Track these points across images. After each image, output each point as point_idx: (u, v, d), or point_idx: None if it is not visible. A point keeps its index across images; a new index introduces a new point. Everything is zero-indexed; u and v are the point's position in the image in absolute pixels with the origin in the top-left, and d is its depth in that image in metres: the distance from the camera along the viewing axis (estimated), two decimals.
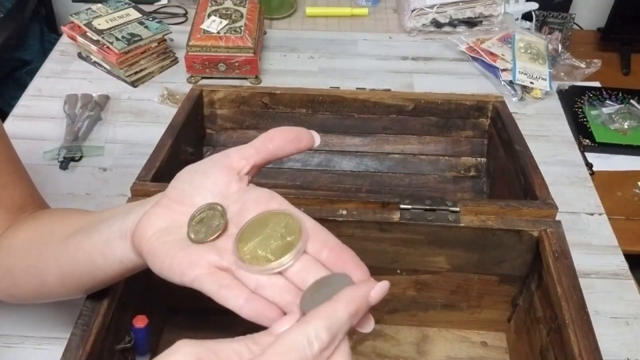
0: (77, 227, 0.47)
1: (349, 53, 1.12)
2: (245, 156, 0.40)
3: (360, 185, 0.76)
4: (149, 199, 0.42)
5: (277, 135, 0.40)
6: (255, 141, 0.40)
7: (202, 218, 0.38)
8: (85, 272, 0.45)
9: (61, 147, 0.87)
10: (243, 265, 0.35)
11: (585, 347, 0.44)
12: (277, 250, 0.35)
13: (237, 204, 0.38)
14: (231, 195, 0.39)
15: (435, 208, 0.54)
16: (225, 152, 0.41)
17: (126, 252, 0.41)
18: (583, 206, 0.81)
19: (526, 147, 0.64)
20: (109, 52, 0.99)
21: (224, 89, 0.75)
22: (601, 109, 1.46)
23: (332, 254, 0.35)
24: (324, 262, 0.35)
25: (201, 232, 0.37)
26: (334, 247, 0.35)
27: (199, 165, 0.41)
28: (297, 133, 0.40)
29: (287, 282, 0.34)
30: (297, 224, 0.36)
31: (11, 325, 0.64)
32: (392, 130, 0.77)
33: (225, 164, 0.40)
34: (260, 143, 0.40)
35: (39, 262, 0.48)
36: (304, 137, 0.40)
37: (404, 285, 0.60)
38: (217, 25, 1.01)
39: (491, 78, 1.06)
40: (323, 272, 0.34)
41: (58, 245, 0.47)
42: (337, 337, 0.29)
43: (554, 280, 0.49)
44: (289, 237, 0.35)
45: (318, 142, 0.41)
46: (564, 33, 1.74)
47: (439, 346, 0.63)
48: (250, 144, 0.40)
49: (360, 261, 0.34)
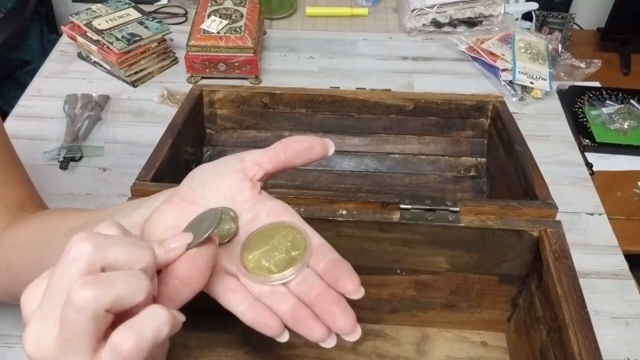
0: (80, 222, 0.47)
1: (349, 53, 1.12)
2: (259, 163, 0.40)
3: (360, 185, 0.76)
4: (157, 195, 0.42)
5: (291, 144, 0.40)
6: (269, 149, 0.40)
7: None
8: None
9: (61, 147, 0.87)
10: (246, 273, 0.36)
11: (585, 347, 0.43)
12: (281, 263, 0.36)
13: (250, 212, 0.39)
14: (244, 202, 0.39)
15: (435, 208, 0.54)
16: (240, 155, 0.40)
17: None
18: (583, 206, 0.81)
19: (526, 147, 0.64)
20: (109, 52, 0.99)
21: (224, 89, 0.75)
22: (601, 109, 1.46)
23: (329, 266, 0.35)
24: (321, 273, 0.35)
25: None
26: (331, 260, 0.36)
27: (213, 167, 0.40)
28: (310, 143, 0.40)
29: (287, 291, 0.35)
30: (303, 240, 0.36)
31: (11, 325, 0.64)
32: (392, 130, 0.77)
33: (239, 168, 0.40)
34: (273, 152, 0.40)
35: (41, 259, 0.48)
36: (317, 146, 0.40)
37: (404, 285, 0.60)
38: (217, 25, 1.01)
39: (491, 78, 1.06)
40: (322, 286, 0.35)
41: (61, 240, 0.46)
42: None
43: (554, 280, 0.49)
44: (294, 252, 0.36)
45: (332, 151, 0.41)
46: (564, 33, 1.74)
47: (439, 346, 0.63)
48: (264, 151, 0.40)
49: (354, 273, 0.35)
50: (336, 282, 0.35)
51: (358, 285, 0.34)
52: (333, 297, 0.34)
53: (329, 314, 0.33)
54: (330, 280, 0.35)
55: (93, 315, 0.27)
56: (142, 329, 0.27)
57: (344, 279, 0.34)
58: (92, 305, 0.27)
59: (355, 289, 0.34)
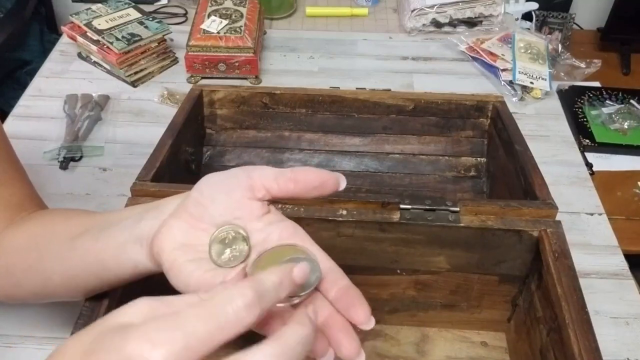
0: (82, 228, 0.46)
1: (349, 53, 1.12)
2: (267, 187, 0.39)
3: (360, 185, 0.76)
4: (162, 204, 0.42)
5: (302, 177, 0.39)
6: (280, 174, 0.39)
7: (223, 238, 0.38)
8: (94, 274, 0.45)
9: (61, 147, 0.87)
10: None
11: (585, 347, 0.43)
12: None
13: (261, 233, 0.39)
14: (254, 221, 0.39)
15: (435, 208, 0.54)
16: (248, 171, 0.40)
17: (142, 258, 0.40)
18: (583, 206, 0.81)
19: (526, 147, 0.64)
20: (109, 52, 0.99)
21: (224, 89, 0.75)
22: (601, 109, 1.46)
23: (340, 293, 0.36)
24: (332, 300, 0.36)
25: (223, 254, 0.37)
26: (342, 287, 0.36)
27: (221, 180, 0.40)
28: (322, 179, 0.39)
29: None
30: (312, 264, 0.36)
31: (11, 325, 0.64)
32: (392, 130, 0.77)
33: (247, 185, 0.39)
34: (283, 181, 0.39)
35: (42, 262, 0.48)
36: (329, 183, 0.39)
37: (404, 285, 0.60)
38: (217, 25, 1.01)
39: (491, 78, 1.06)
40: (329, 310, 0.35)
41: (63, 246, 0.46)
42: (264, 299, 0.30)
43: (554, 280, 0.49)
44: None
45: (344, 186, 0.40)
46: (564, 33, 1.74)
47: (439, 346, 0.63)
48: (274, 175, 0.39)
49: (365, 302, 0.35)
50: (347, 311, 0.35)
51: (369, 315, 0.35)
52: (339, 323, 0.35)
53: (334, 339, 0.34)
54: (341, 308, 0.35)
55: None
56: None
57: (355, 309, 0.35)
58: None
59: (366, 319, 0.35)
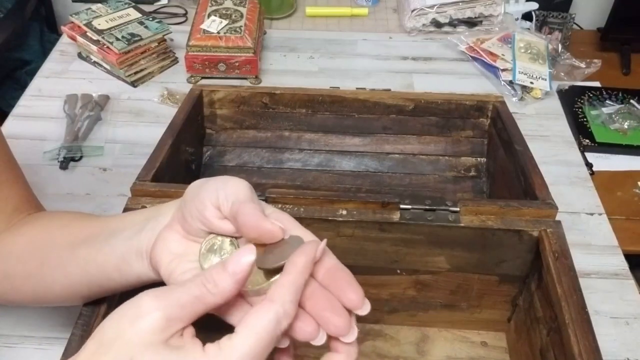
0: (82, 236, 0.46)
1: (349, 53, 1.12)
2: (222, 208, 0.38)
3: (360, 185, 0.76)
4: (160, 212, 0.42)
5: (242, 223, 0.36)
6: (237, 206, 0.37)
7: (211, 246, 0.39)
8: (97, 283, 0.45)
9: (61, 147, 0.87)
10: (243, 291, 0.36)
11: (585, 347, 0.44)
12: (270, 273, 0.36)
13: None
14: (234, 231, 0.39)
15: (435, 208, 0.54)
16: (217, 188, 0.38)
17: (144, 270, 0.41)
18: (583, 206, 0.81)
19: (526, 147, 0.64)
20: (109, 52, 0.99)
21: (224, 89, 0.75)
22: (601, 109, 1.46)
23: (328, 274, 0.35)
24: (320, 281, 0.35)
25: (212, 262, 0.38)
26: (330, 268, 0.35)
27: (197, 193, 0.39)
28: (260, 232, 0.36)
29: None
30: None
31: (11, 325, 0.64)
32: (392, 130, 0.77)
33: (215, 204, 0.38)
34: (231, 214, 0.37)
35: (42, 270, 0.47)
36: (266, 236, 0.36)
37: (404, 285, 0.60)
38: (217, 25, 1.01)
39: (491, 78, 1.06)
40: (319, 292, 0.34)
41: (63, 254, 0.46)
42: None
43: (554, 280, 0.49)
44: (282, 262, 0.35)
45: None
46: (564, 33, 1.74)
47: (439, 346, 0.63)
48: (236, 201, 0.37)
49: (356, 282, 0.34)
50: (338, 295, 0.34)
51: (362, 297, 0.34)
52: (323, 300, 0.34)
53: (321, 318, 0.33)
54: (332, 292, 0.35)
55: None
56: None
57: (345, 292, 0.34)
58: None
59: (359, 302, 0.34)
